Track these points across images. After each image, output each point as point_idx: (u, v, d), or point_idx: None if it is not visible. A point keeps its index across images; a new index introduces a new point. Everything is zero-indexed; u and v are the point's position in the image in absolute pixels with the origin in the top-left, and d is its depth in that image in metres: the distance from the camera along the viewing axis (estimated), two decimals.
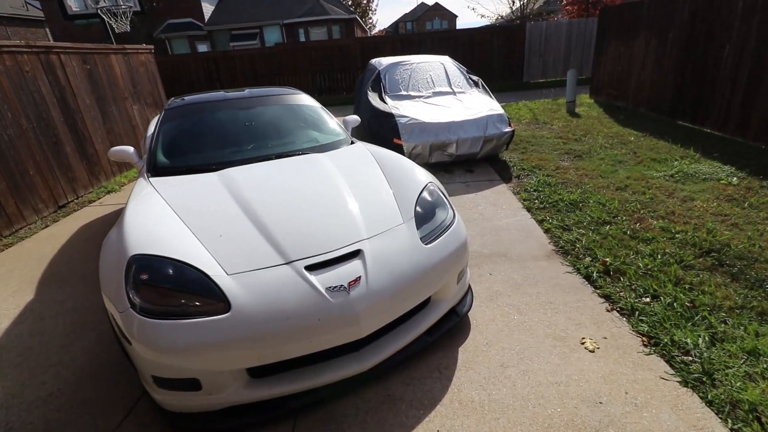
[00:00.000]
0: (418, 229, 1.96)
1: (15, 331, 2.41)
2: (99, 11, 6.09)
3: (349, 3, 30.69)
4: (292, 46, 13.10)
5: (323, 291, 1.57)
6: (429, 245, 1.90)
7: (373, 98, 5.32)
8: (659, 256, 2.63)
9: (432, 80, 5.64)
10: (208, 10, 24.15)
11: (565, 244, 2.93)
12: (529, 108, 8.34)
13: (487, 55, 11.99)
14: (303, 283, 1.59)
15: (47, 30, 29.02)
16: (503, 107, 8.33)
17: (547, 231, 3.19)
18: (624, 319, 2.11)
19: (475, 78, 5.91)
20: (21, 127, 4.32)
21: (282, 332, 1.50)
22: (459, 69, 5.93)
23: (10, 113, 4.21)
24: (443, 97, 5.39)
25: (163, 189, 2.27)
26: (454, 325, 2.03)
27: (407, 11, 52.48)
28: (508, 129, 4.76)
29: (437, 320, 1.96)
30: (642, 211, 3.33)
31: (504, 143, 4.85)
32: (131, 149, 2.99)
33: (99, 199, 5.00)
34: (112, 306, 1.61)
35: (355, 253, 1.75)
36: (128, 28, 6.47)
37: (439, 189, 2.31)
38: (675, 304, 2.14)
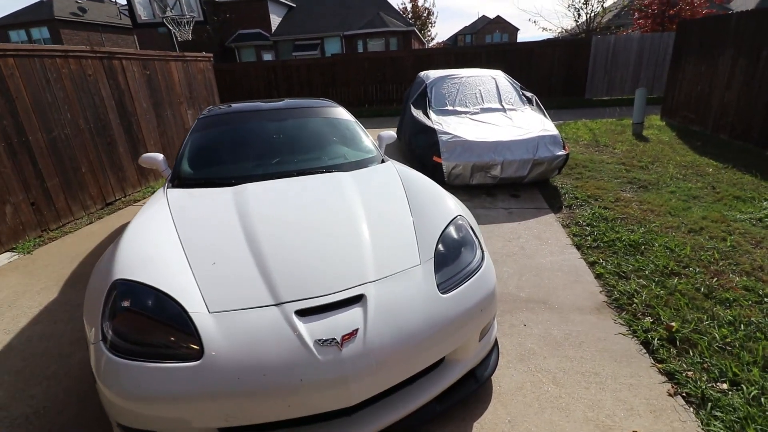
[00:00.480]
0: (436, 273, 1.67)
1: (28, 332, 2.42)
2: (164, 21, 6.45)
3: (409, 16, 30.95)
4: (347, 57, 13.26)
5: (311, 344, 1.34)
6: (447, 294, 1.60)
7: (417, 113, 5.09)
8: (742, 326, 2.11)
9: (481, 95, 5.30)
10: (275, 21, 25.49)
11: (621, 296, 2.48)
12: (589, 128, 7.68)
13: (547, 70, 11.35)
14: (289, 332, 1.37)
15: (135, 37, 32.15)
16: (560, 126, 7.75)
17: (599, 276, 2.74)
18: (692, 410, 1.66)
19: (528, 94, 5.49)
20: (79, 126, 4.58)
21: (256, 391, 1.28)
22: (512, 84, 5.54)
23: (70, 114, 4.48)
24: (492, 114, 5.04)
25: (174, 202, 2.18)
26: (471, 392, 1.70)
27: (467, 24, 51.96)
28: (561, 152, 4.30)
29: (451, 385, 1.65)
30: (721, 263, 2.77)
31: (556, 168, 4.39)
32: (161, 157, 2.99)
33: (144, 198, 5.20)
34: (87, 333, 1.49)
35: (357, 299, 1.50)
36: (190, 37, 6.82)
37: (469, 225, 2.00)
38: (763, 399, 1.66)
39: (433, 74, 5.77)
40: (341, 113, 3.36)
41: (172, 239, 1.81)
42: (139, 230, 1.89)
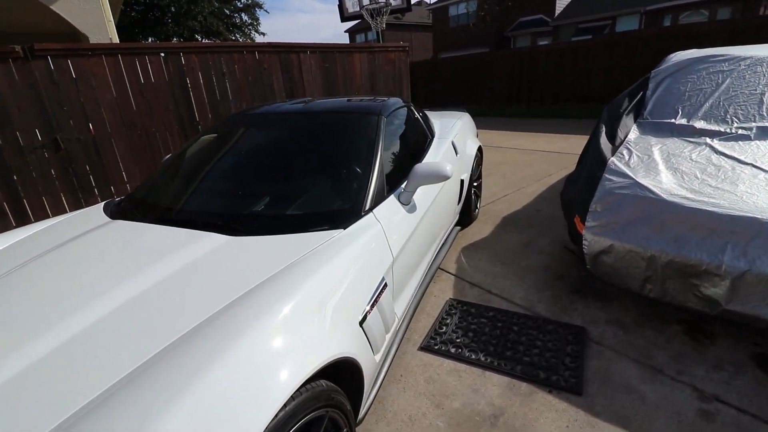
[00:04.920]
0: None
1: None
2: (362, 11, 6.34)
3: None
4: (611, 39, 9.99)
5: None
6: None
7: (609, 126, 2.80)
8: None
9: None
10: (562, 4, 22.88)
11: None
12: None
13: None
14: None
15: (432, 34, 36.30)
16: None
17: None
18: None
19: None
20: None
21: None
22: None
23: (240, 101, 4.97)
24: None
25: (43, 231, 1.79)
26: None
27: None
28: None
29: None
30: None
31: None
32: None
33: None
34: None
35: None
36: (384, 26, 6.48)
37: None
38: None
39: (681, 56, 3.11)
40: (364, 129, 2.07)
41: None
42: None
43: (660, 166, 2.18)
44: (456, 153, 2.86)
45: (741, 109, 2.45)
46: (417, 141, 2.59)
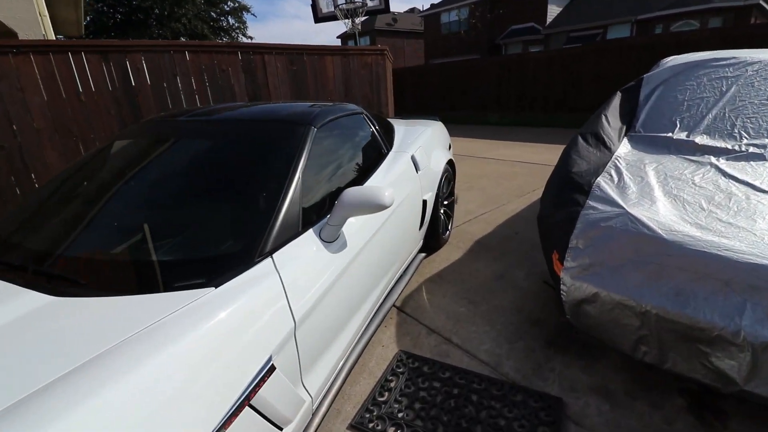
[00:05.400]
0: None
1: None
2: (336, 10, 5.94)
3: None
4: (601, 46, 9.71)
5: None
6: None
7: (587, 142, 2.39)
8: None
9: None
10: (553, 12, 22.84)
11: None
12: None
13: None
14: None
15: (423, 41, 36.14)
16: None
17: None
18: None
19: None
20: None
21: None
22: None
23: (194, 106, 4.51)
24: None
25: None
26: None
27: None
28: None
29: None
30: None
31: None
32: None
33: None
34: None
35: None
36: (360, 28, 6.08)
37: None
38: None
39: (677, 60, 2.72)
40: (282, 142, 1.63)
41: None
42: None
43: (656, 192, 1.76)
44: (417, 169, 2.43)
45: (751, 122, 2.05)
46: (365, 157, 2.15)
